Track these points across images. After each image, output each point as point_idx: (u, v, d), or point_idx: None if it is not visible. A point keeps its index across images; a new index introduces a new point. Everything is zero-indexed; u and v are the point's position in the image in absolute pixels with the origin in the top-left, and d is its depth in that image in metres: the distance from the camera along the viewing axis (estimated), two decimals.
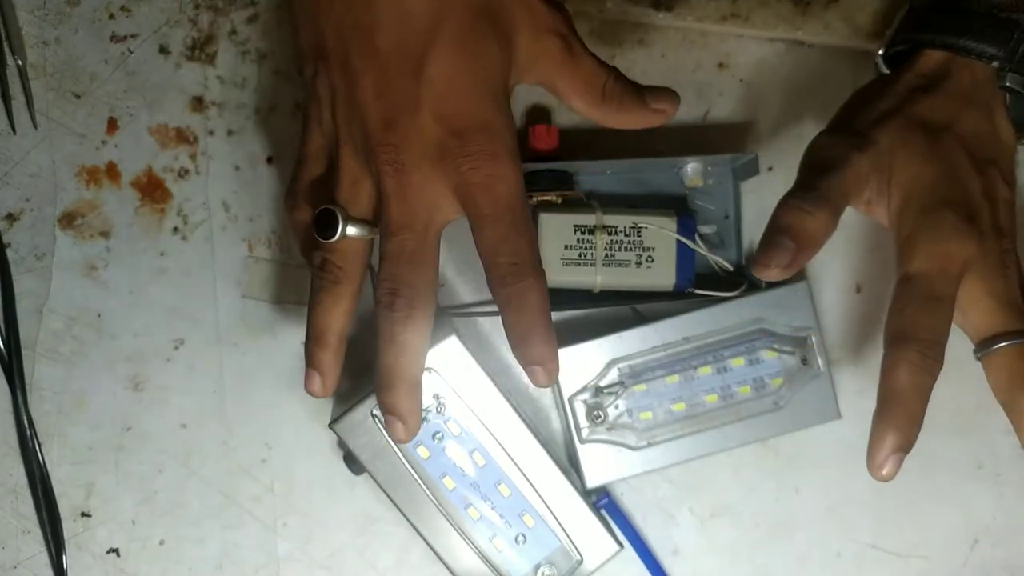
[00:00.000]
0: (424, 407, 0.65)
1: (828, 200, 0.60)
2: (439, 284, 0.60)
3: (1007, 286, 0.61)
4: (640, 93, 0.62)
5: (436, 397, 0.67)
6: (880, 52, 0.68)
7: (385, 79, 0.57)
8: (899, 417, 0.59)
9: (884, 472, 0.59)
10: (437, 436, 0.67)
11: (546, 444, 0.68)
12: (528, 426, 0.67)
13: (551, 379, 0.58)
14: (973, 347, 0.62)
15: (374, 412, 0.66)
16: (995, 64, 0.64)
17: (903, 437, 0.59)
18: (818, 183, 0.60)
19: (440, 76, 0.56)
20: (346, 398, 0.68)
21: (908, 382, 0.58)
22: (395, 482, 0.67)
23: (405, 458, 0.67)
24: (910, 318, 0.59)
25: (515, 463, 0.67)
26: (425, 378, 0.64)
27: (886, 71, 0.68)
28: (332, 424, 0.67)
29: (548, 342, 0.58)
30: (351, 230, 0.59)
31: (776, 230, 0.59)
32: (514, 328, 0.57)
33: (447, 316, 0.71)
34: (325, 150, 0.62)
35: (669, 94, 0.62)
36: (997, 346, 0.61)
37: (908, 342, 0.58)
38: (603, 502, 0.71)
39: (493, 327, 0.73)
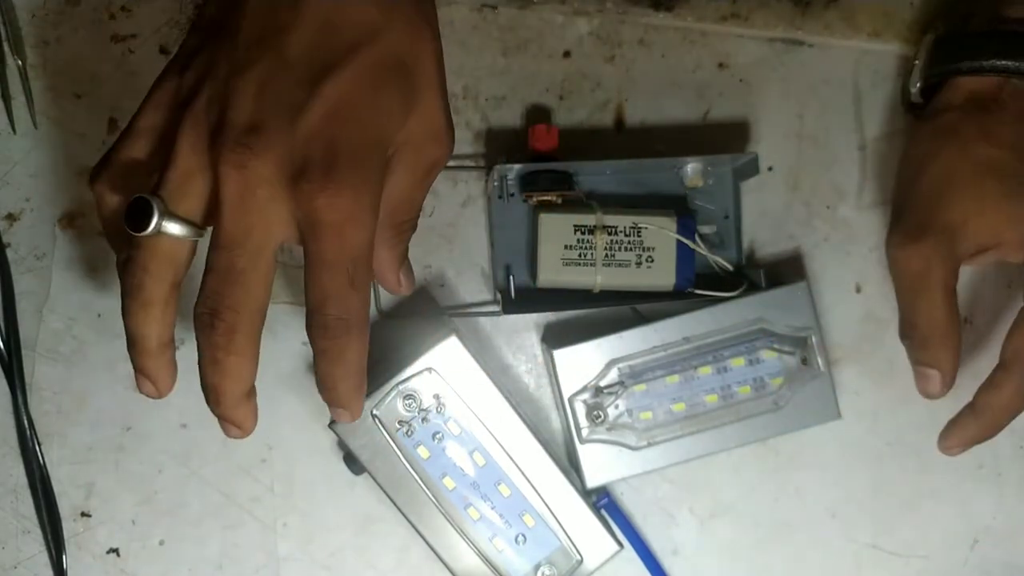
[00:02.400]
0: (424, 407, 0.66)
1: (935, 327, 0.63)
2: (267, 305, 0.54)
3: None
4: (406, 255, 0.63)
5: (436, 397, 0.67)
6: (917, 86, 0.68)
7: (276, 79, 0.52)
8: (989, 426, 0.64)
9: (953, 451, 0.65)
10: (437, 436, 0.67)
11: (546, 444, 0.68)
12: (528, 426, 0.67)
13: (354, 418, 0.56)
14: None
15: (374, 412, 0.66)
16: None
17: (983, 437, 0.64)
18: (916, 317, 0.64)
19: (336, 96, 0.52)
20: None
21: (1011, 402, 0.63)
22: (395, 482, 0.67)
23: (405, 458, 0.67)
24: None
25: (515, 463, 0.67)
26: (425, 378, 0.65)
27: (919, 100, 0.69)
28: (332, 424, 0.67)
29: (356, 392, 0.55)
30: (169, 227, 0.52)
31: (914, 362, 0.65)
32: (324, 378, 0.54)
33: (447, 316, 0.71)
34: (159, 130, 0.54)
35: (412, 281, 0.64)
36: None
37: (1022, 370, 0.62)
38: (603, 502, 0.71)
39: (493, 327, 0.73)
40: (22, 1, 0.72)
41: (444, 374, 0.67)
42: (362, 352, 0.54)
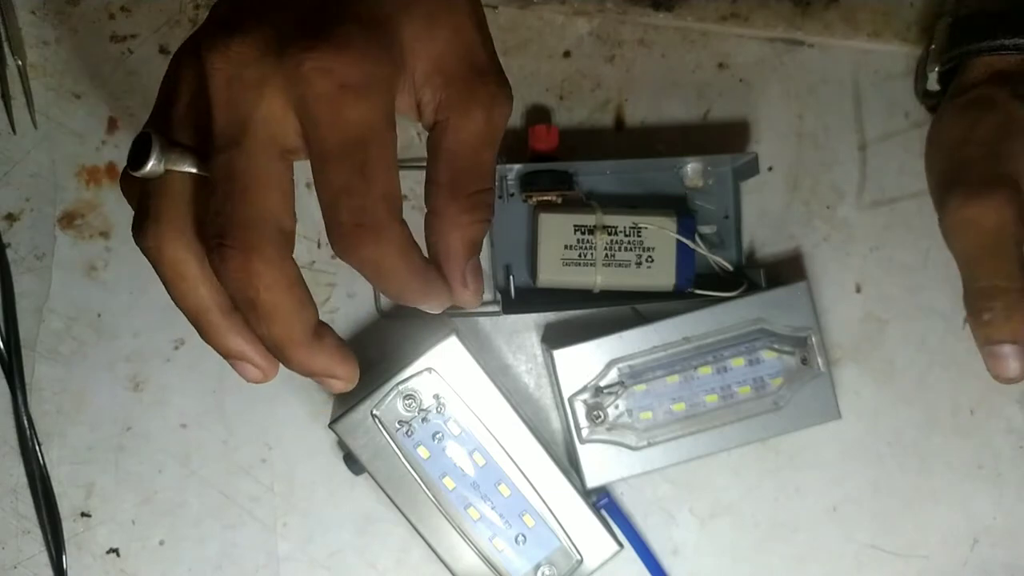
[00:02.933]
0: (424, 407, 0.65)
1: (1015, 290, 0.56)
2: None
3: None
4: (477, 246, 0.48)
5: (436, 397, 0.67)
6: (935, 71, 0.67)
7: None
8: None
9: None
10: (437, 436, 0.67)
11: (546, 444, 0.68)
12: (528, 426, 0.67)
13: (442, 307, 0.47)
14: None
15: (374, 412, 0.66)
16: None
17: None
18: (994, 279, 0.56)
19: None
20: (346, 398, 0.68)
21: None
22: (395, 482, 0.67)
23: (405, 458, 0.67)
24: None
25: (515, 463, 0.67)
26: (425, 378, 0.64)
27: (936, 87, 0.68)
28: (332, 424, 0.66)
29: (422, 291, 0.46)
30: (175, 161, 0.45)
31: (987, 343, 0.57)
32: (384, 290, 0.45)
33: (447, 316, 0.71)
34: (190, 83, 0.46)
35: (480, 289, 0.49)
36: None
37: None
38: (603, 502, 0.71)
39: (493, 327, 0.73)
40: (22, 1, 0.72)
41: (444, 374, 0.66)
42: (402, 251, 0.44)
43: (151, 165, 0.44)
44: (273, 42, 0.42)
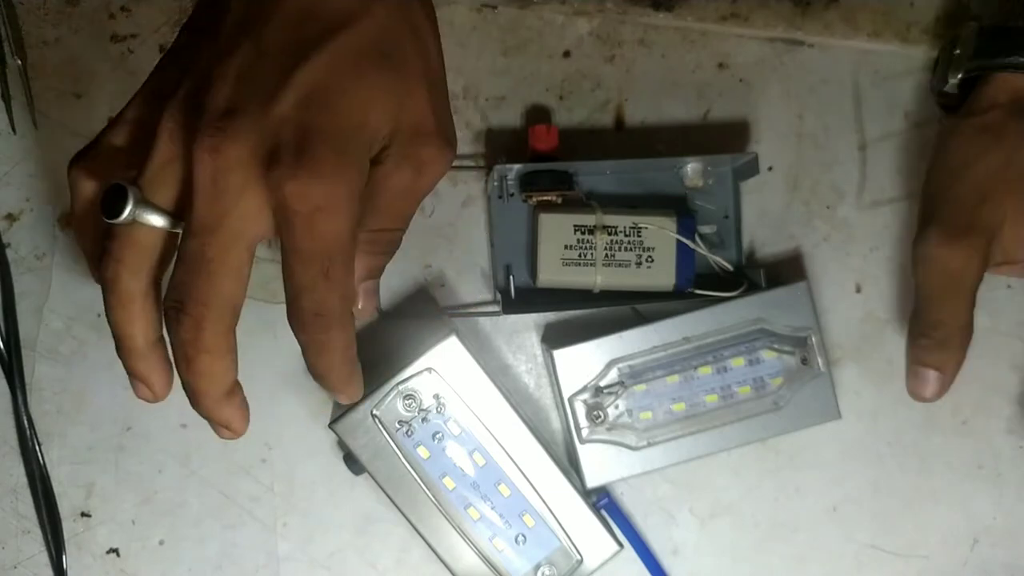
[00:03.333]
0: (424, 407, 0.66)
1: (955, 331, 0.63)
2: (242, 302, 0.51)
3: None
4: (377, 278, 0.57)
5: (436, 397, 0.67)
6: (959, 76, 0.66)
7: (254, 67, 0.50)
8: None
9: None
10: (437, 436, 0.67)
11: (546, 444, 0.68)
12: (528, 426, 0.67)
13: (351, 400, 0.56)
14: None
15: (374, 412, 0.66)
16: None
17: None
18: (941, 314, 0.63)
19: (310, 81, 0.50)
20: None
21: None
22: (395, 482, 0.67)
23: (405, 458, 0.67)
24: None
25: (515, 463, 0.67)
26: (425, 378, 0.65)
27: (955, 91, 0.67)
28: (332, 424, 0.66)
29: (347, 379, 0.54)
30: (145, 215, 0.50)
31: (915, 362, 0.64)
32: (312, 368, 0.53)
33: (446, 316, 0.71)
34: (143, 122, 0.54)
35: (369, 302, 0.57)
36: None
37: None
38: (603, 502, 0.71)
39: (493, 327, 0.73)
40: (22, 1, 0.72)
41: (444, 374, 0.66)
42: (345, 343, 0.52)
43: (123, 217, 0.50)
44: (261, 153, 0.49)
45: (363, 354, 0.66)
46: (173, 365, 0.53)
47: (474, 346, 0.68)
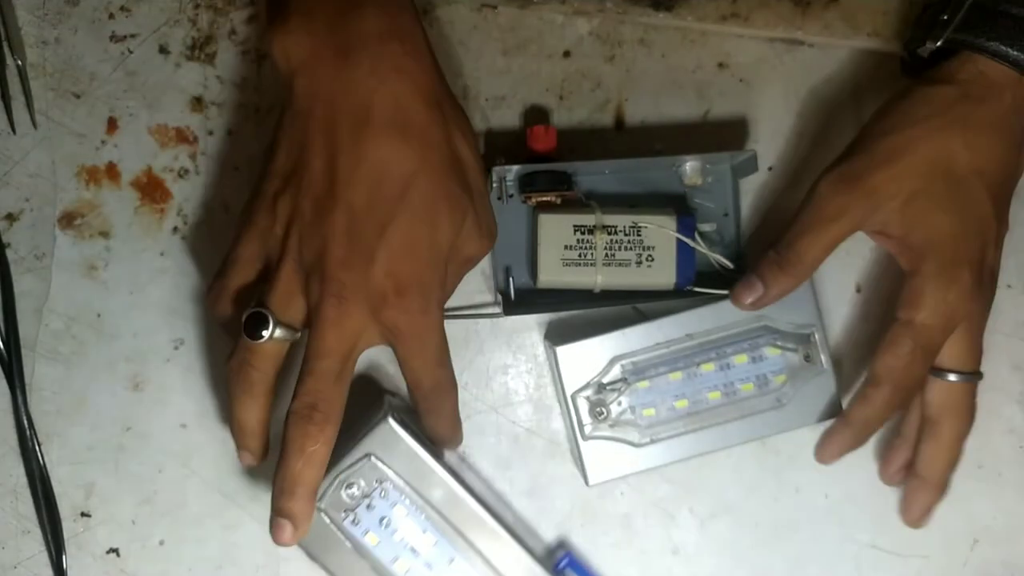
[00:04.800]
0: (367, 493, 0.67)
1: (801, 260, 0.65)
2: None
3: (981, 332, 0.67)
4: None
5: (378, 482, 0.67)
6: (936, 44, 0.66)
7: (354, 227, 0.60)
8: (859, 436, 0.69)
9: (827, 462, 0.71)
10: (384, 521, 0.67)
11: (496, 513, 0.68)
12: (476, 497, 0.67)
13: (458, 444, 0.71)
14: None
15: (319, 505, 0.66)
16: None
17: (855, 446, 0.69)
18: (798, 242, 0.65)
19: (398, 240, 0.60)
20: None
21: (879, 416, 0.67)
22: (348, 570, 0.67)
23: (355, 548, 0.67)
24: (903, 365, 0.65)
25: (466, 538, 0.67)
26: (365, 464, 0.66)
27: (925, 56, 0.67)
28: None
29: (456, 430, 0.68)
30: (279, 333, 0.62)
31: (753, 270, 0.66)
32: (433, 428, 0.67)
33: (384, 396, 0.71)
34: (258, 257, 0.64)
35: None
36: (950, 378, 0.67)
37: (894, 388, 0.66)
38: (564, 562, 0.72)
39: (494, 327, 0.73)
40: (22, 1, 0.72)
41: (383, 457, 0.67)
42: (455, 405, 0.67)
43: (265, 339, 0.61)
44: (370, 299, 0.61)
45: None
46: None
47: (413, 420, 0.69)
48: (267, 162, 0.64)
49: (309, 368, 0.61)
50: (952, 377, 0.67)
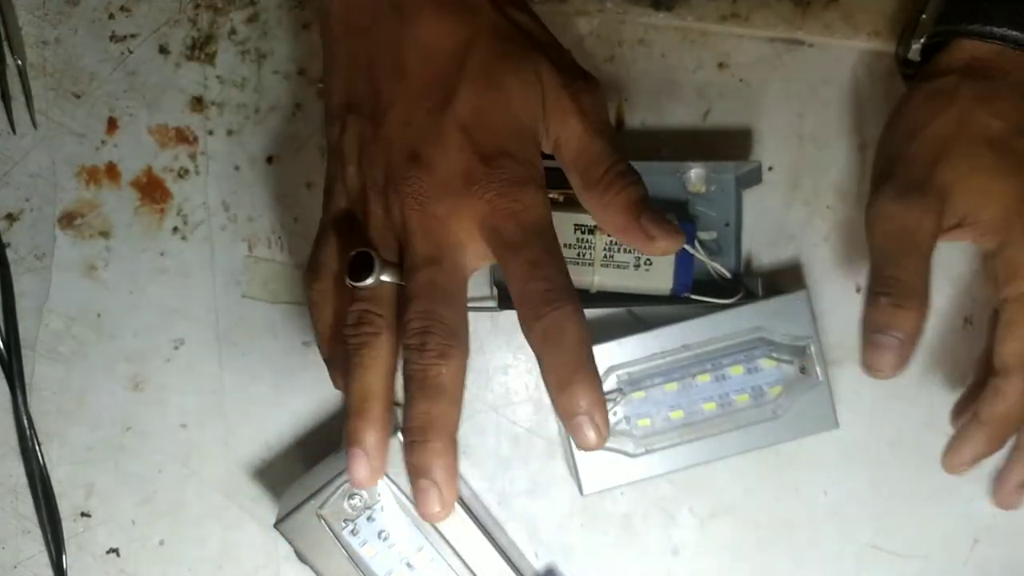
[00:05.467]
0: (369, 505, 0.66)
1: (916, 288, 0.60)
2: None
3: None
4: (638, 206, 0.57)
5: (381, 495, 0.66)
6: (921, 42, 0.67)
7: (411, 112, 0.56)
8: (995, 438, 0.64)
9: (960, 470, 0.64)
10: (383, 534, 0.67)
11: (492, 536, 0.68)
12: (475, 520, 0.68)
13: (600, 439, 0.53)
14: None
15: (320, 512, 0.66)
16: None
17: (990, 451, 0.64)
18: (900, 272, 0.60)
19: (466, 109, 0.56)
20: (292, 495, 0.68)
21: (1015, 410, 0.62)
22: None
23: (352, 557, 0.66)
24: None
25: (462, 559, 0.67)
26: None
27: (917, 58, 0.68)
28: (277, 524, 0.66)
29: (593, 387, 0.52)
30: (386, 275, 0.56)
31: (874, 329, 0.60)
32: (553, 370, 0.52)
33: (393, 411, 0.71)
34: (348, 213, 0.59)
35: (669, 231, 0.56)
36: None
37: None
38: None
39: (493, 327, 0.73)
40: (22, 1, 0.72)
41: (389, 471, 0.66)
42: (582, 326, 0.53)
43: (371, 280, 0.55)
44: (454, 183, 0.55)
45: (309, 447, 0.67)
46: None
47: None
48: (325, 111, 0.61)
49: (410, 289, 0.55)
50: None
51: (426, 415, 0.53)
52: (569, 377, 0.52)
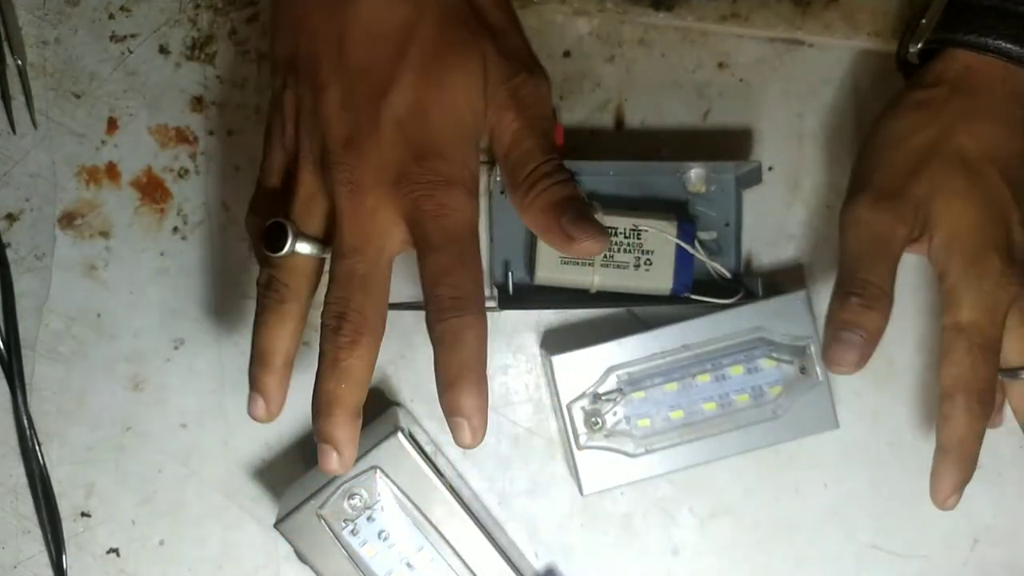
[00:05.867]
0: (369, 505, 0.66)
1: (884, 291, 0.61)
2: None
3: None
4: (559, 207, 0.58)
5: (381, 495, 0.66)
6: (918, 47, 0.67)
7: (350, 97, 0.57)
8: (962, 460, 0.62)
9: (949, 503, 0.63)
10: (383, 534, 0.67)
11: (494, 538, 0.68)
12: (475, 520, 0.67)
13: (475, 439, 0.56)
14: (999, 368, 0.64)
15: (320, 512, 0.66)
16: None
17: (965, 475, 0.63)
18: (870, 275, 0.61)
19: (403, 102, 0.56)
20: (292, 495, 0.68)
21: (969, 431, 0.61)
22: None
23: (351, 557, 0.66)
24: (967, 370, 0.61)
25: (463, 560, 0.67)
26: (370, 476, 0.65)
27: (916, 61, 0.68)
28: (277, 524, 0.66)
29: (478, 392, 0.55)
30: (301, 247, 0.58)
31: (840, 326, 0.61)
32: (444, 368, 0.55)
33: (394, 409, 0.71)
34: (282, 166, 0.60)
35: (591, 232, 0.57)
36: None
37: (967, 394, 0.61)
38: None
39: (493, 326, 0.72)
40: (22, 1, 0.72)
41: (389, 471, 0.66)
42: (481, 336, 0.56)
43: (285, 251, 0.57)
44: (385, 176, 0.56)
45: (308, 449, 0.66)
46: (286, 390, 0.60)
47: (422, 436, 0.69)
48: (270, 57, 0.61)
49: (333, 273, 0.57)
50: None
51: (332, 393, 0.56)
52: (455, 379, 0.55)
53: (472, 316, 0.55)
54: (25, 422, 0.71)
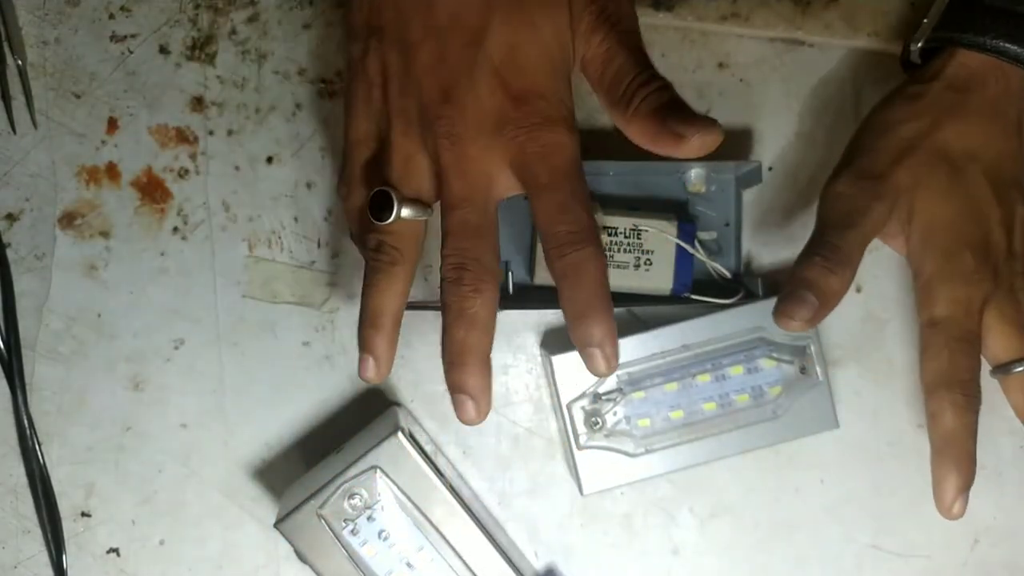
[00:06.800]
0: (370, 505, 0.66)
1: (850, 259, 0.61)
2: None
3: (1019, 312, 0.63)
4: (662, 111, 0.59)
5: (381, 495, 0.66)
6: (919, 45, 0.67)
7: (443, 50, 0.58)
8: (958, 459, 0.62)
9: (955, 511, 0.62)
10: (383, 534, 0.66)
11: (494, 538, 0.68)
12: (476, 521, 0.67)
13: (610, 367, 0.56)
14: (990, 368, 0.64)
15: (320, 511, 0.66)
16: None
17: (965, 476, 0.62)
18: (839, 241, 0.61)
19: (497, 46, 0.57)
20: (292, 495, 0.68)
21: (958, 424, 0.61)
22: None
23: (351, 557, 0.66)
24: (946, 363, 0.61)
25: (463, 560, 0.67)
26: (370, 476, 0.65)
27: (917, 60, 0.68)
28: (277, 524, 0.66)
29: (606, 321, 0.56)
30: (406, 212, 0.58)
31: (799, 284, 0.60)
32: (570, 303, 0.56)
33: (394, 408, 0.71)
34: (372, 133, 0.61)
35: (700, 125, 0.58)
36: (1016, 370, 0.63)
37: (950, 387, 0.61)
38: None
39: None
40: (22, 1, 0.72)
41: (389, 471, 0.66)
42: (602, 267, 0.57)
43: (392, 219, 0.58)
44: (487, 123, 0.57)
45: (309, 446, 0.67)
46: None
47: (423, 436, 0.69)
48: (346, 24, 0.62)
49: (445, 226, 0.58)
50: (1018, 368, 0.63)
51: (462, 343, 0.57)
52: (584, 311, 0.56)
53: (592, 248, 0.56)
54: (25, 422, 0.71)
